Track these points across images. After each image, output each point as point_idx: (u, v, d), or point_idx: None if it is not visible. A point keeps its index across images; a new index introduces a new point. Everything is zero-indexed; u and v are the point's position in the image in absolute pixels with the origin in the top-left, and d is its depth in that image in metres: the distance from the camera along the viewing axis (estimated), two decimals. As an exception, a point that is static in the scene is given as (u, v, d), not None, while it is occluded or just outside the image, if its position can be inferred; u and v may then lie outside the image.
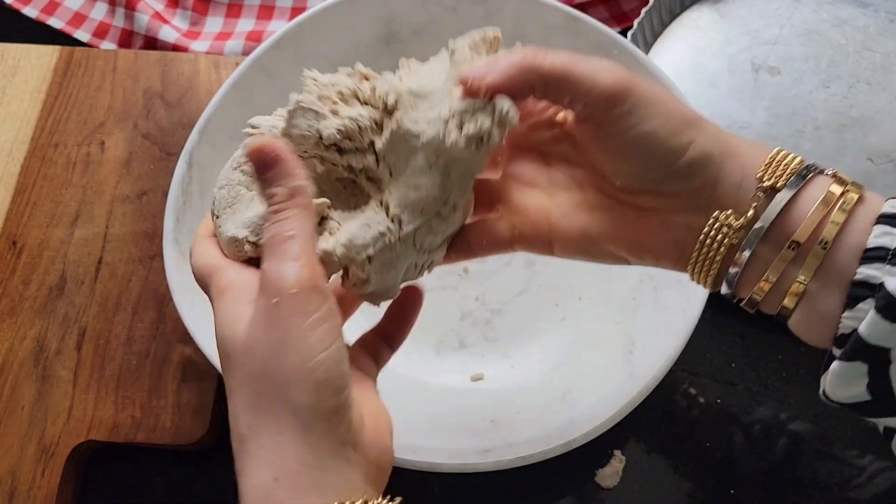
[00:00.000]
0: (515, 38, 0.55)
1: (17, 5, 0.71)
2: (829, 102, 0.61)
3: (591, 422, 0.44)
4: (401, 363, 0.53)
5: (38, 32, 0.70)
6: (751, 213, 0.31)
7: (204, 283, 0.34)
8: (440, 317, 0.55)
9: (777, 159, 0.31)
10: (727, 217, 0.31)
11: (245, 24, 0.71)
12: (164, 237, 0.48)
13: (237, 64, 0.63)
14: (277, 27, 0.70)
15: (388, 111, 0.33)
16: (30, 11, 0.71)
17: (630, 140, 0.31)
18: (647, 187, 0.33)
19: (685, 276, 0.47)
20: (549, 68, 0.31)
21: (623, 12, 0.68)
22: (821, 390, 0.32)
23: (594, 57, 0.32)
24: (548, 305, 0.56)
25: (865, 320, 0.29)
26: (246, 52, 0.68)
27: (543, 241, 0.36)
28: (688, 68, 0.64)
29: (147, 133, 0.61)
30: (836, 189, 0.30)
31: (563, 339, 0.54)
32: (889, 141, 0.60)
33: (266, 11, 0.71)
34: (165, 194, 0.58)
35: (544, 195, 0.36)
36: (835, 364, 0.30)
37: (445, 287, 0.56)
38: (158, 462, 0.53)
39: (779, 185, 0.31)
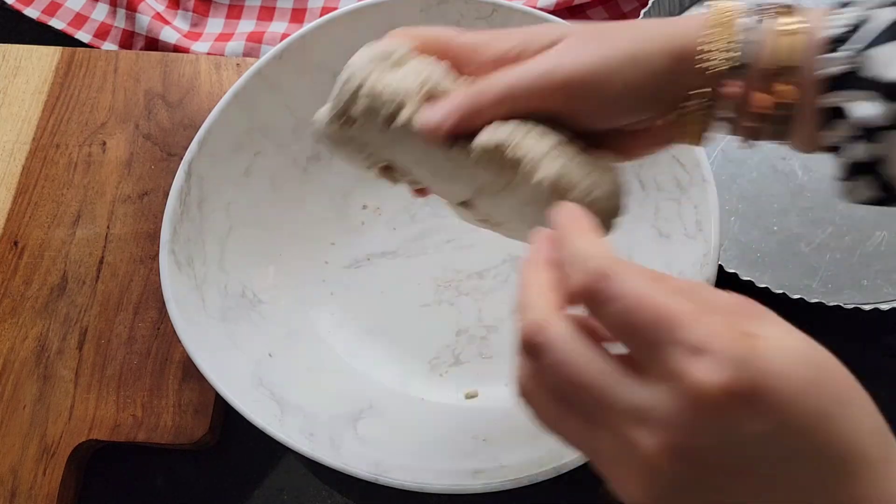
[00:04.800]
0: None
1: (18, 6, 0.71)
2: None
3: None
4: (395, 377, 0.53)
5: (39, 33, 0.71)
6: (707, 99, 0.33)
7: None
8: (436, 332, 0.55)
9: (709, 42, 0.32)
10: (699, 104, 0.33)
11: (246, 26, 0.71)
12: (160, 247, 0.49)
13: (238, 65, 0.64)
14: (278, 28, 0.70)
15: None
16: (31, 12, 0.71)
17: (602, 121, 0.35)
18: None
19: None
20: (491, 103, 0.34)
21: (622, 13, 0.68)
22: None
23: (535, 60, 0.34)
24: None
25: (849, 147, 0.31)
26: (247, 53, 0.68)
27: None
28: (687, 69, 0.64)
29: (148, 133, 0.61)
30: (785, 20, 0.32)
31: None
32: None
33: (267, 12, 0.72)
34: (166, 195, 0.58)
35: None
36: (840, 183, 0.33)
37: (442, 303, 0.56)
38: (159, 461, 0.53)
39: (722, 67, 0.32)
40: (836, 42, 0.31)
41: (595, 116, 0.35)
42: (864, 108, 0.30)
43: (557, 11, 0.67)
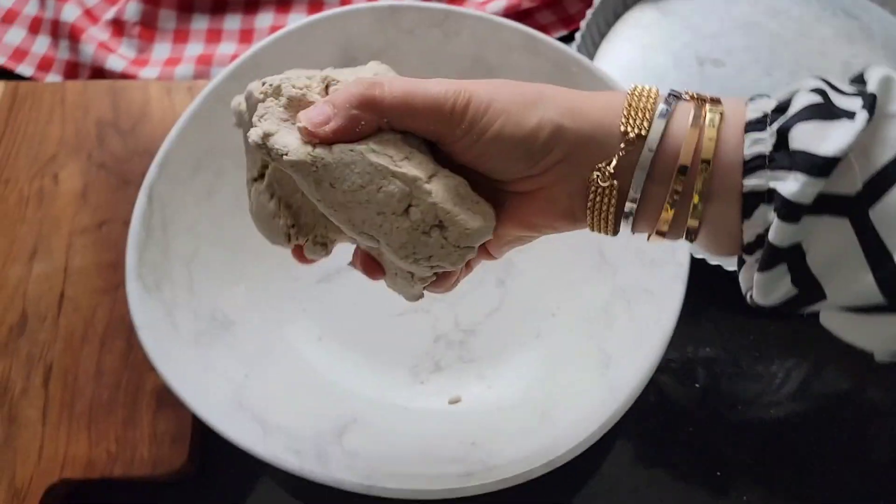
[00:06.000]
0: (474, 61, 0.56)
1: (-46, 44, 0.69)
2: (773, 89, 0.63)
3: (573, 439, 0.43)
4: (377, 388, 0.53)
5: (-22, 70, 0.69)
6: (615, 162, 0.32)
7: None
8: (414, 340, 0.55)
9: (633, 106, 0.32)
10: (604, 176, 0.33)
11: (193, 49, 0.70)
12: (126, 274, 0.47)
13: (189, 88, 0.63)
14: (227, 50, 0.69)
15: None
16: (-32, 49, 0.69)
17: (483, 147, 0.33)
18: (520, 175, 0.34)
19: (657, 288, 0.48)
20: (389, 104, 0.33)
21: (569, 15, 0.70)
22: (748, 297, 0.34)
23: (432, 80, 0.33)
24: (521, 323, 0.55)
25: (772, 228, 0.30)
26: (197, 76, 0.67)
27: None
28: (636, 65, 0.65)
29: (102, 163, 0.60)
30: (700, 110, 0.32)
31: (539, 357, 0.53)
32: (833, 122, 0.62)
33: (214, 35, 0.71)
34: (126, 223, 0.56)
35: None
36: (757, 276, 0.32)
37: (418, 310, 0.55)
38: (139, 496, 0.51)
39: (643, 133, 0.32)
40: (756, 124, 0.31)
41: (477, 154, 0.34)
42: (787, 185, 0.29)
43: (506, 16, 0.67)
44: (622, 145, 0.32)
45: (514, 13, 0.68)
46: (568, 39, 0.69)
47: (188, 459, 0.50)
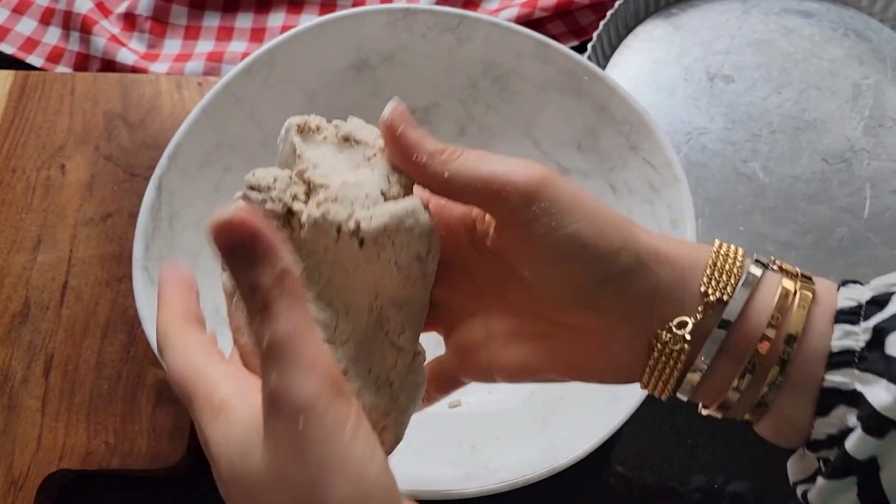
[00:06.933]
0: (486, 66, 0.56)
1: (-34, 31, 0.69)
2: (782, 107, 0.64)
3: (575, 446, 0.43)
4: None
5: (-12, 59, 0.69)
6: (691, 324, 0.29)
7: (184, 391, 0.27)
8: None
9: (718, 266, 0.29)
10: (676, 338, 0.29)
11: (204, 46, 0.70)
12: (133, 265, 0.47)
13: (200, 84, 0.63)
14: (238, 48, 0.70)
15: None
16: (-21, 37, 0.69)
17: (554, 242, 0.28)
18: (580, 301, 0.29)
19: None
20: (455, 174, 0.29)
21: (580, 26, 0.70)
22: (799, 493, 0.30)
23: (504, 157, 0.29)
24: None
25: (852, 438, 0.27)
26: (206, 73, 0.67)
27: (485, 375, 0.34)
28: (646, 79, 0.66)
29: (109, 155, 0.60)
30: (789, 285, 0.29)
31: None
32: (841, 142, 0.62)
33: (225, 32, 0.71)
34: (131, 216, 0.57)
35: (481, 326, 0.33)
36: (822, 482, 0.29)
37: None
38: (136, 489, 0.51)
39: (725, 298, 0.29)
40: (849, 314, 0.28)
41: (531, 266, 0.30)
42: (878, 394, 0.26)
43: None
44: (700, 308, 0.29)
45: (525, 22, 0.69)
46: (579, 50, 0.69)
47: (186, 454, 0.49)
